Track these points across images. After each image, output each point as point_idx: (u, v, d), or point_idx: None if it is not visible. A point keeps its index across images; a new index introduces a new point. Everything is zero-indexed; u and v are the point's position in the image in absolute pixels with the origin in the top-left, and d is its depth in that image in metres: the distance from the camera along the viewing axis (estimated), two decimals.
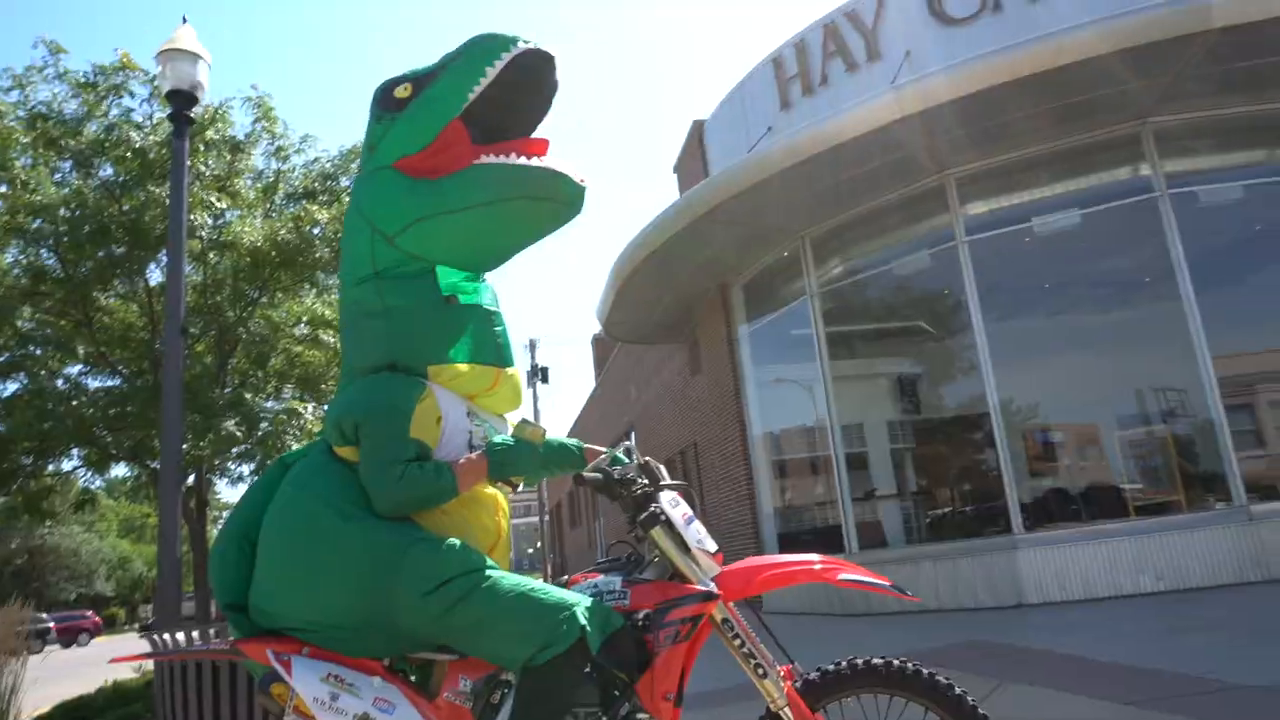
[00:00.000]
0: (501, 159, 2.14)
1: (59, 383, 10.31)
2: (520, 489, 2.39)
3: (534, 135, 2.27)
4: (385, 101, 2.26)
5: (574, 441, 2.33)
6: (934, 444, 10.18)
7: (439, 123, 2.16)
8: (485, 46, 2.13)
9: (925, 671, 2.08)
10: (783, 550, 10.22)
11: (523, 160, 2.14)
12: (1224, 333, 7.92)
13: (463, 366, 2.19)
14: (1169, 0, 6.81)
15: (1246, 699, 3.63)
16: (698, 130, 12.29)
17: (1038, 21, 8.56)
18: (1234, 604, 6.23)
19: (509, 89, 2.18)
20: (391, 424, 2.03)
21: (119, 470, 12.71)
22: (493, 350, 2.28)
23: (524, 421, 2.24)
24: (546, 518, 34.44)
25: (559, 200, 2.17)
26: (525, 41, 2.13)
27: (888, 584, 2.21)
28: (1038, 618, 6.86)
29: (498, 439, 2.17)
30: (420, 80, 2.22)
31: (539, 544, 36.48)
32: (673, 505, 2.13)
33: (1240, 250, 8.97)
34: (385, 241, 2.18)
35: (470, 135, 2.17)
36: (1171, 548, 7.25)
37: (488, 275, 2.41)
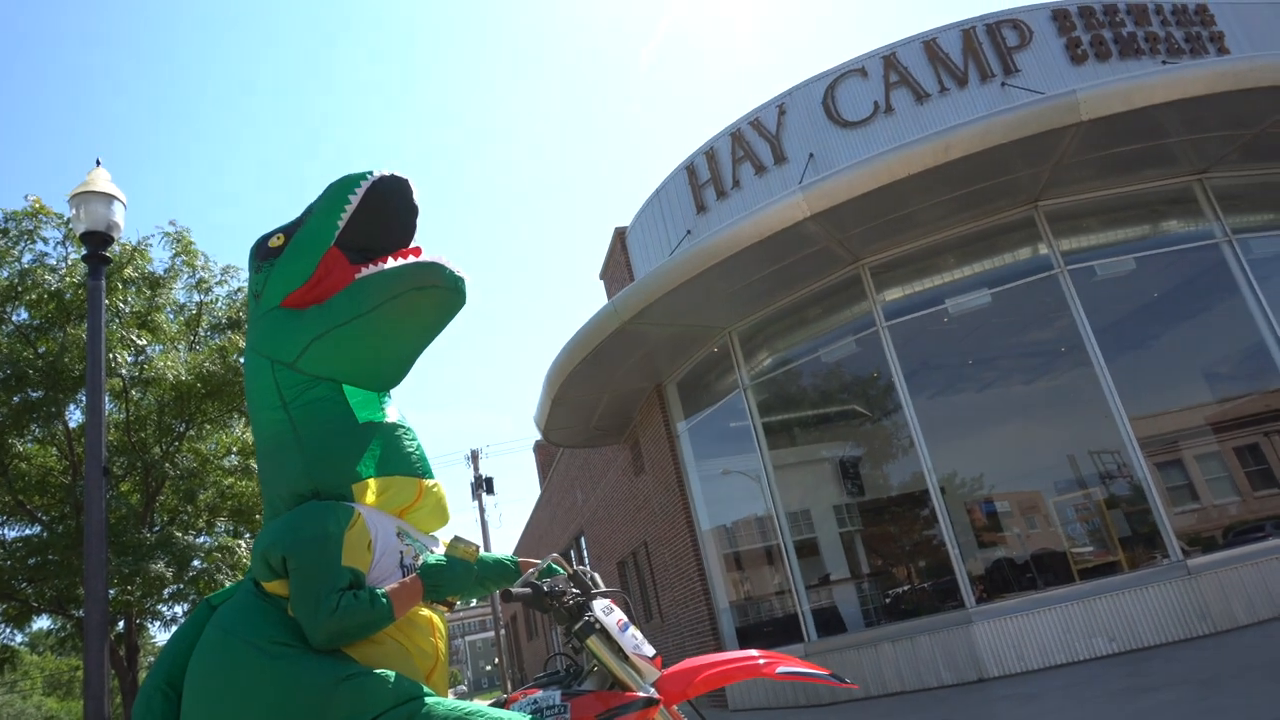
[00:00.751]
0: (380, 267, 2.24)
1: None
2: (461, 606, 2.37)
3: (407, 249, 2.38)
4: (262, 253, 2.35)
5: (509, 556, 2.34)
6: (882, 524, 10.28)
7: (316, 254, 2.25)
8: (343, 182, 2.28)
9: None
10: (742, 644, 10.05)
11: (400, 262, 2.24)
12: (1138, 395, 8.31)
13: (385, 480, 2.20)
14: (1041, 98, 7.43)
15: None
16: (620, 237, 12.66)
17: (926, 120, 9.23)
18: (1184, 659, 6.32)
19: (375, 215, 2.29)
20: (323, 554, 2.00)
21: (42, 623, 11.95)
22: (410, 462, 2.29)
23: (456, 539, 2.23)
24: (503, 631, 33.24)
25: (442, 286, 2.22)
26: (380, 171, 2.28)
27: (826, 673, 2.22)
28: (1000, 690, 6.84)
29: (431, 559, 2.16)
30: (290, 228, 2.34)
31: (496, 660, 35.04)
32: (606, 613, 2.13)
33: (1141, 317, 9.53)
34: (287, 369, 2.21)
35: (348, 258, 2.27)
36: (1119, 609, 7.37)
37: (394, 392, 2.43)
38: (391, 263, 2.24)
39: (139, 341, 9.75)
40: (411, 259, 2.24)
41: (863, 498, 10.45)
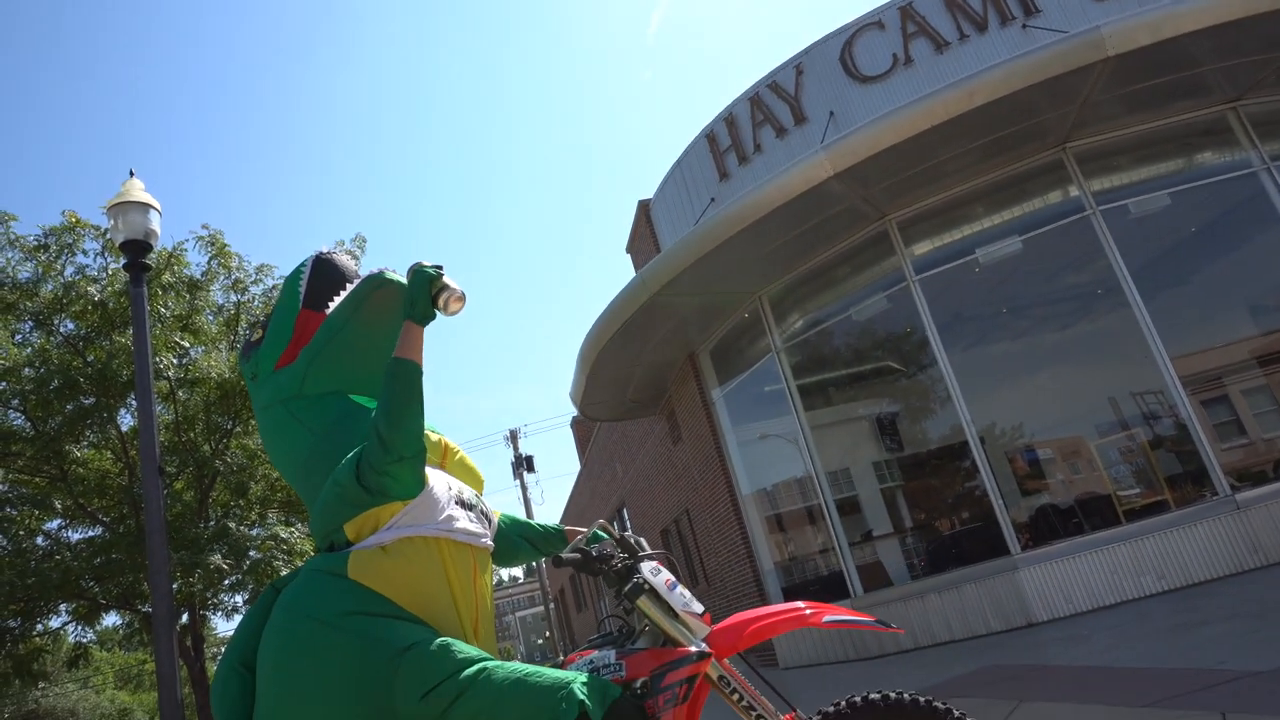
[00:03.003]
0: (340, 296, 2.54)
1: (39, 540, 10.16)
2: (509, 582, 2.45)
3: None
4: (246, 350, 2.67)
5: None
6: (923, 478, 10.27)
7: (290, 320, 2.55)
8: (294, 271, 2.64)
9: (923, 700, 2.13)
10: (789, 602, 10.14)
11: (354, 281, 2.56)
12: (1179, 333, 8.18)
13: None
14: (1064, 37, 7.27)
15: (1258, 684, 3.68)
16: (644, 209, 12.64)
17: (946, 70, 9.07)
18: (1236, 592, 6.28)
19: (325, 281, 2.59)
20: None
21: (110, 620, 12.42)
22: (430, 429, 2.44)
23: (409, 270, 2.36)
24: (552, 605, 33.78)
25: (392, 282, 2.45)
26: (318, 250, 2.64)
27: (872, 620, 2.28)
28: (1048, 634, 6.86)
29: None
30: (263, 324, 2.67)
31: (548, 633, 35.69)
32: (654, 574, 2.20)
33: (1179, 254, 9.35)
34: (296, 400, 2.44)
35: (315, 310, 2.56)
36: (1167, 547, 7.34)
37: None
38: (348, 288, 2.55)
39: (182, 344, 10.00)
40: (362, 276, 2.56)
41: (902, 453, 10.44)
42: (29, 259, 9.62)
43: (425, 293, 2.21)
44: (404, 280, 2.37)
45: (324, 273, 2.60)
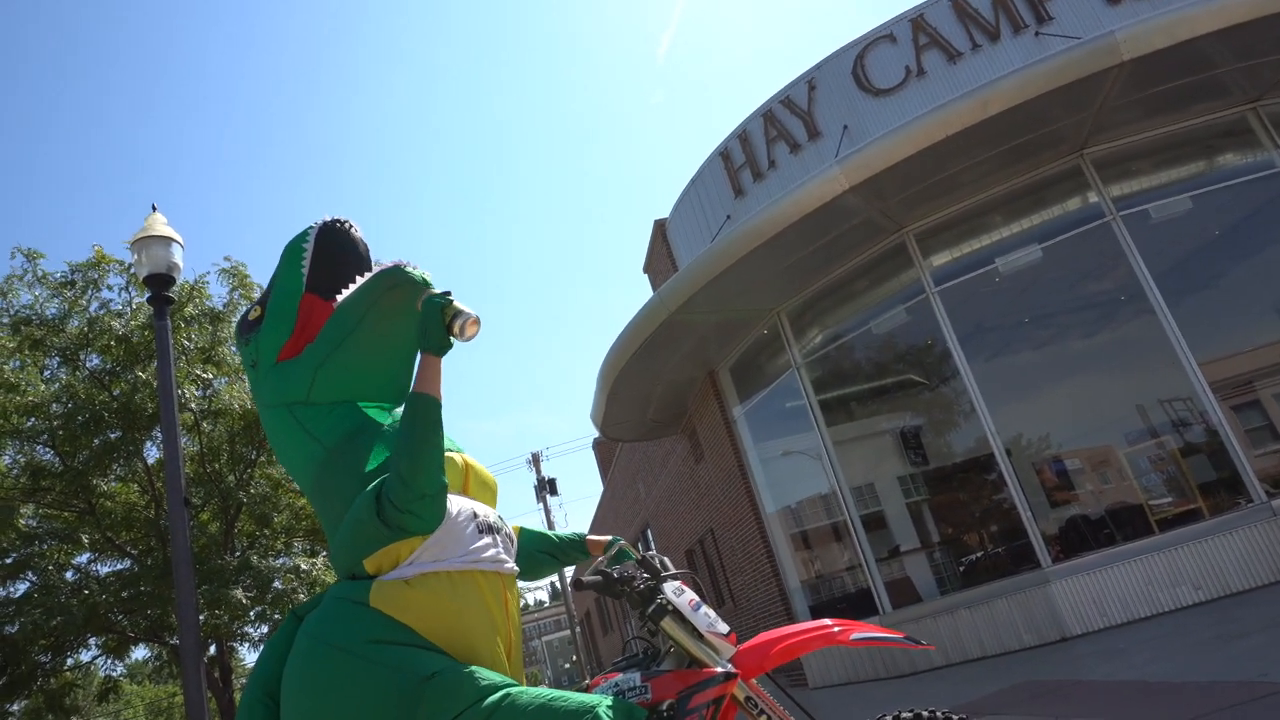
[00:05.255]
0: (350, 288, 2.33)
1: (68, 574, 10.25)
2: (535, 606, 2.40)
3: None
4: (245, 328, 2.47)
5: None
6: (949, 491, 10.14)
7: (293, 305, 2.37)
8: (295, 240, 2.43)
9: (956, 717, 2.08)
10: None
11: (365, 276, 2.32)
12: (1206, 338, 8.05)
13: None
14: (1078, 43, 7.23)
15: None
16: (660, 228, 12.67)
17: (960, 80, 9.05)
18: (1276, 601, 6.12)
19: (331, 258, 2.40)
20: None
21: (139, 653, 12.48)
22: (449, 440, 2.32)
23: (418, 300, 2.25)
24: (578, 629, 33.60)
25: (409, 281, 2.28)
26: (323, 219, 2.44)
27: (901, 636, 2.23)
28: (1083, 648, 6.72)
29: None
30: (263, 299, 2.47)
31: (575, 657, 35.49)
32: (678, 594, 2.17)
33: (1203, 257, 9.22)
34: (303, 406, 2.30)
35: (321, 297, 2.38)
36: (1203, 556, 7.18)
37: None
38: (359, 280, 2.33)
39: (205, 376, 10.11)
40: (375, 269, 2.33)
41: (927, 467, 10.31)
42: (56, 295, 9.79)
43: (439, 323, 2.15)
44: (425, 277, 2.29)
45: (331, 251, 2.42)
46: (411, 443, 2.05)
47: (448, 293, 2.19)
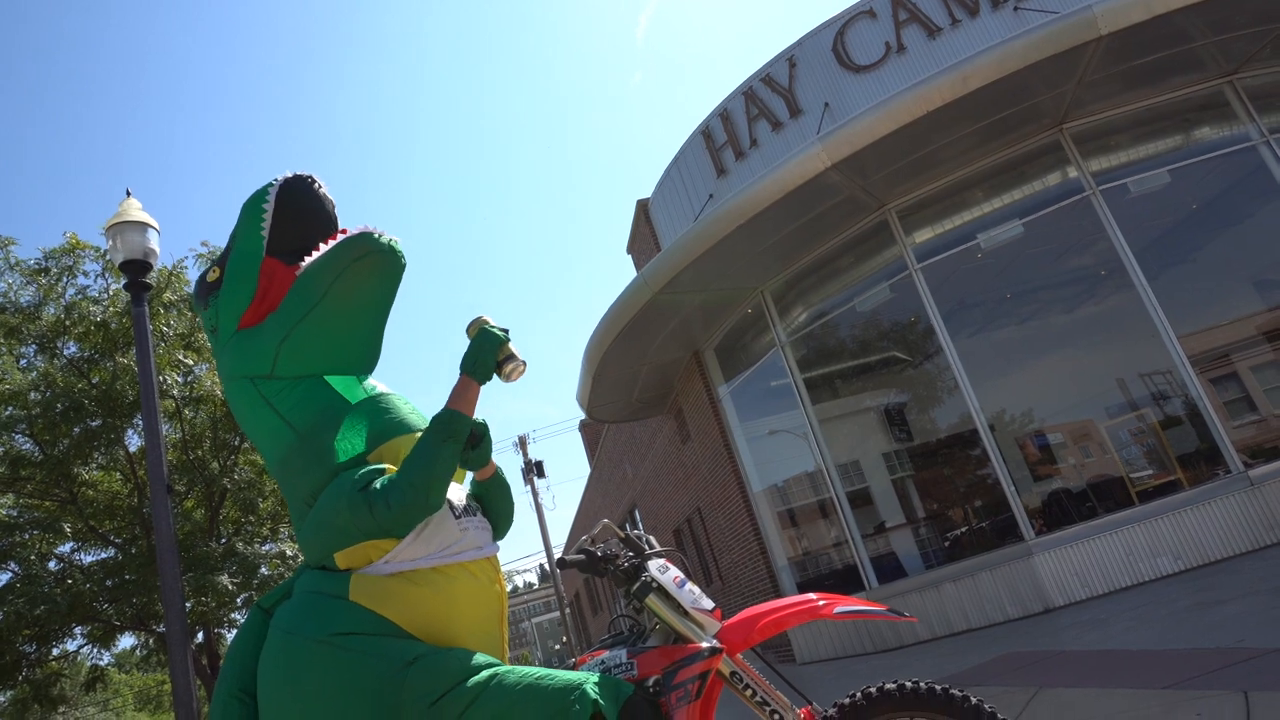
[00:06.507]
0: (314, 256, 2.23)
1: (51, 564, 10.17)
2: (536, 587, 2.37)
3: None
4: (203, 290, 2.37)
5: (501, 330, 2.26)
6: (933, 467, 10.23)
7: (253, 269, 2.27)
8: (254, 196, 2.31)
9: (940, 689, 2.11)
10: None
11: (331, 243, 2.23)
12: (1185, 311, 8.13)
13: (394, 443, 2.18)
14: (1057, 17, 7.23)
15: (1279, 660, 3.64)
16: (643, 208, 12.62)
17: (940, 56, 9.04)
18: (1253, 569, 6.23)
19: (293, 217, 2.30)
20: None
21: (126, 641, 12.44)
22: (411, 423, 2.27)
23: (473, 321, 2.22)
24: (568, 610, 33.77)
25: (377, 250, 2.20)
26: (283, 174, 2.32)
27: (884, 609, 2.25)
28: (1066, 619, 6.82)
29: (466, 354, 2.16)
30: (222, 259, 2.36)
31: (565, 638, 35.69)
32: (662, 571, 2.18)
33: (1181, 231, 9.29)
34: (266, 380, 2.23)
35: (284, 263, 2.27)
36: (1182, 526, 7.28)
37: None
38: (324, 247, 2.23)
39: (186, 362, 10.01)
40: (340, 237, 2.23)
41: (911, 443, 10.40)
42: (30, 282, 9.64)
43: (492, 356, 2.12)
44: (394, 244, 2.21)
45: (292, 212, 2.30)
46: (432, 458, 2.02)
47: (506, 330, 2.15)
